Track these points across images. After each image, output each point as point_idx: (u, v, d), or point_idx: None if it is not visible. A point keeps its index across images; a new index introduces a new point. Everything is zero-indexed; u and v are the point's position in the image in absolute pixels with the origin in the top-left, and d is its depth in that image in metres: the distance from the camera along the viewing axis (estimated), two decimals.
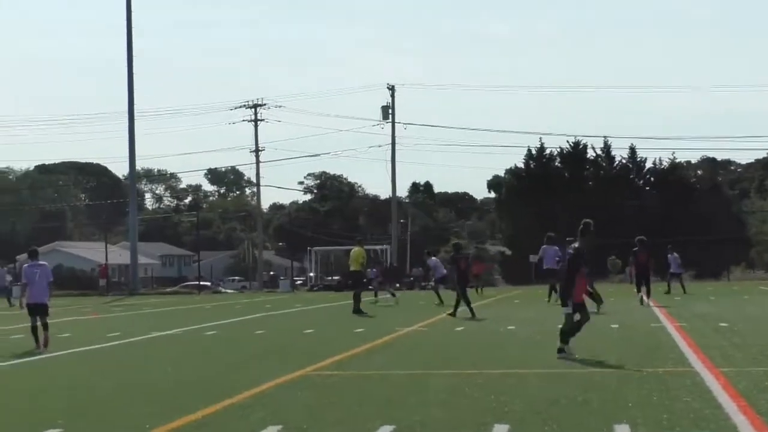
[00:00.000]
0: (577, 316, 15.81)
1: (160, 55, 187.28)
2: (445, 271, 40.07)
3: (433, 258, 42.03)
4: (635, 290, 32.81)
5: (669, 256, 43.10)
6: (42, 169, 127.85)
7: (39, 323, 19.72)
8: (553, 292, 33.99)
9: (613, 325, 22.33)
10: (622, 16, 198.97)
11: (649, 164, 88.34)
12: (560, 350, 15.77)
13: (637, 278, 33.16)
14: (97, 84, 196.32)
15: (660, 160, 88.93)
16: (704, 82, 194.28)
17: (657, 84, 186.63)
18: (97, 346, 20.93)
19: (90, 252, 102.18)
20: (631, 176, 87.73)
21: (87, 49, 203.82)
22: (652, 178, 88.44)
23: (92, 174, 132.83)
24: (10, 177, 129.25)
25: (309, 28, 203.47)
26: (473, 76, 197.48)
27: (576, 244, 15.73)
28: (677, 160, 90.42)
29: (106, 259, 76.39)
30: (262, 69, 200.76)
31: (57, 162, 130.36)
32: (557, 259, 33.80)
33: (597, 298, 27.09)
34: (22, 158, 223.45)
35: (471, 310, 27.31)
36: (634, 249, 33.30)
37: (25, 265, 20.57)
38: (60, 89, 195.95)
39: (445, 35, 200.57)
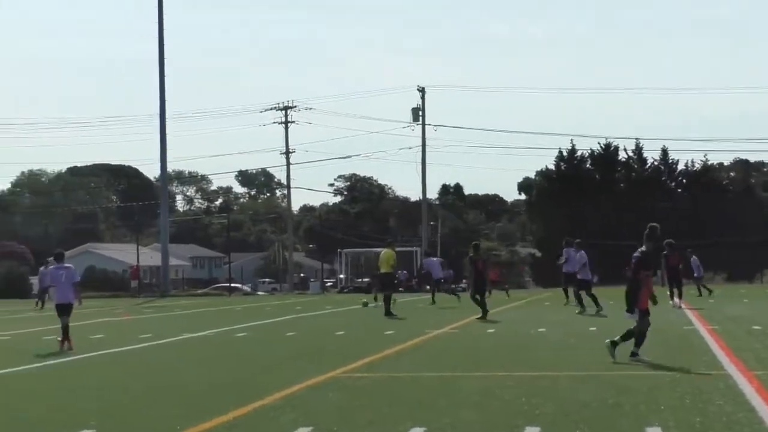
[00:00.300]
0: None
1: (173, 56, 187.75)
2: (441, 274, 39.05)
3: (432, 258, 40.02)
4: (668, 293, 32.73)
5: (691, 260, 42.82)
6: (74, 172, 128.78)
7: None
8: (567, 293, 33.70)
9: None
10: (656, 17, 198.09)
11: (681, 166, 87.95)
12: (633, 354, 15.33)
13: (669, 281, 33.19)
14: (104, 86, 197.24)
15: (692, 162, 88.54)
16: (738, 83, 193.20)
17: (690, 85, 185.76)
18: (128, 348, 21.03)
19: (121, 254, 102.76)
20: (663, 178, 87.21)
21: (87, 49, 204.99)
22: (684, 180, 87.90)
23: (123, 176, 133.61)
24: (43, 179, 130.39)
25: (332, 30, 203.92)
26: (504, 78, 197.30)
27: (643, 248, 15.58)
28: (710, 162, 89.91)
29: (138, 261, 76.70)
30: (293, 71, 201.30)
31: (89, 164, 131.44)
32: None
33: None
34: (54, 161, 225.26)
35: (484, 309, 27.20)
36: (664, 252, 33.13)
37: (51, 267, 21.32)
38: (63, 90, 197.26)
39: (476, 37, 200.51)
